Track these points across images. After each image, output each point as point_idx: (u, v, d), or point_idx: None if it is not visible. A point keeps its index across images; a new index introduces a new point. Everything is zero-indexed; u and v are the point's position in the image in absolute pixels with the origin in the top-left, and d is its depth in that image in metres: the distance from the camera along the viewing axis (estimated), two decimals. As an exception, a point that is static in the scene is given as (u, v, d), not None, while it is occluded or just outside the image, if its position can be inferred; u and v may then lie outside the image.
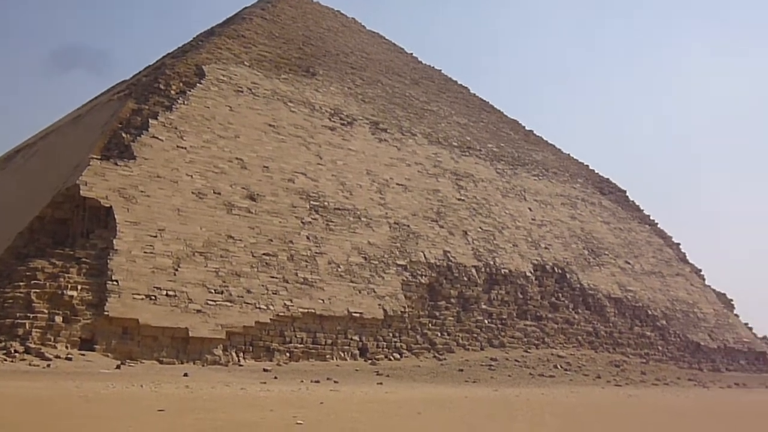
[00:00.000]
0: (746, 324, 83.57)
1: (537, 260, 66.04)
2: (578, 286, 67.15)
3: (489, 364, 51.95)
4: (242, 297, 44.59)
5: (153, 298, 41.19)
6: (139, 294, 40.90)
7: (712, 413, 31.07)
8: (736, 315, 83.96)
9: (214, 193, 49.42)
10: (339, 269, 50.83)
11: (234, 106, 57.09)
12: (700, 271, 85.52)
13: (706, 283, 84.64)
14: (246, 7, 74.92)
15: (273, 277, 47.17)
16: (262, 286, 46.17)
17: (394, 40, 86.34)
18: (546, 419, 23.45)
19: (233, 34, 66.15)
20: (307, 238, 51.23)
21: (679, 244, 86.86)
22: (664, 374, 61.24)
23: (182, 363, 40.11)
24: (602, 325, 66.30)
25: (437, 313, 55.21)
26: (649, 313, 70.93)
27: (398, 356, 50.38)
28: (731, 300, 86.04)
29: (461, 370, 48.72)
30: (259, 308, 44.75)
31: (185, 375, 35.18)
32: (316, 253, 50.59)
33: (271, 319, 44.84)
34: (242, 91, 59.13)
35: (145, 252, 43.08)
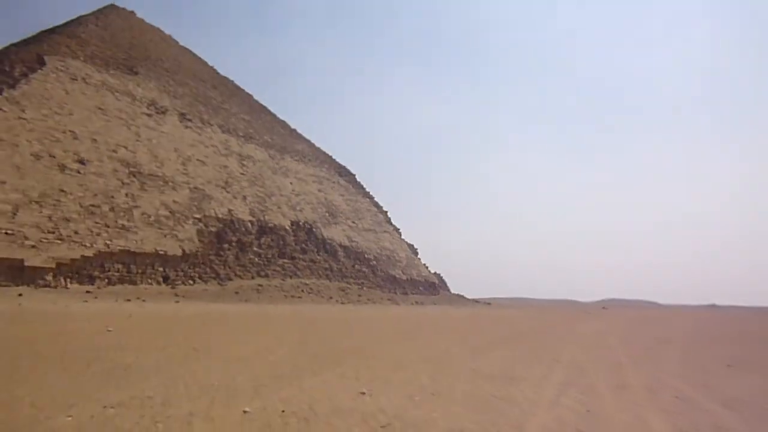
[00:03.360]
0: (425, 264, 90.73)
1: (294, 218, 66.68)
2: (321, 237, 68.81)
3: (257, 289, 52.00)
4: (71, 237, 40.68)
5: (-7, 235, 36.31)
6: (-19, 232, 35.88)
7: (401, 318, 33.68)
8: (419, 258, 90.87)
9: (50, 156, 44.32)
10: (150, 219, 47.94)
11: (69, 90, 51.32)
12: (399, 229, 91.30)
13: (402, 237, 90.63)
14: (81, 15, 67.09)
15: (97, 223, 43.46)
16: (88, 229, 42.40)
17: (200, 54, 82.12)
18: (292, 327, 24.07)
19: (71, 34, 59.08)
20: (126, 195, 47.67)
21: (387, 211, 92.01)
22: (373, 296, 65.02)
23: (17, 286, 35.91)
24: (335, 264, 68.67)
25: (222, 253, 54.03)
26: (366, 256, 74.59)
27: (192, 283, 48.80)
28: (417, 249, 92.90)
29: (237, 293, 48.41)
30: (84, 246, 41.14)
31: (20, 295, 31.69)
32: (132, 206, 47.28)
33: (93, 253, 41.42)
34: (76, 80, 53.26)
35: (-13, 199, 37.79)
